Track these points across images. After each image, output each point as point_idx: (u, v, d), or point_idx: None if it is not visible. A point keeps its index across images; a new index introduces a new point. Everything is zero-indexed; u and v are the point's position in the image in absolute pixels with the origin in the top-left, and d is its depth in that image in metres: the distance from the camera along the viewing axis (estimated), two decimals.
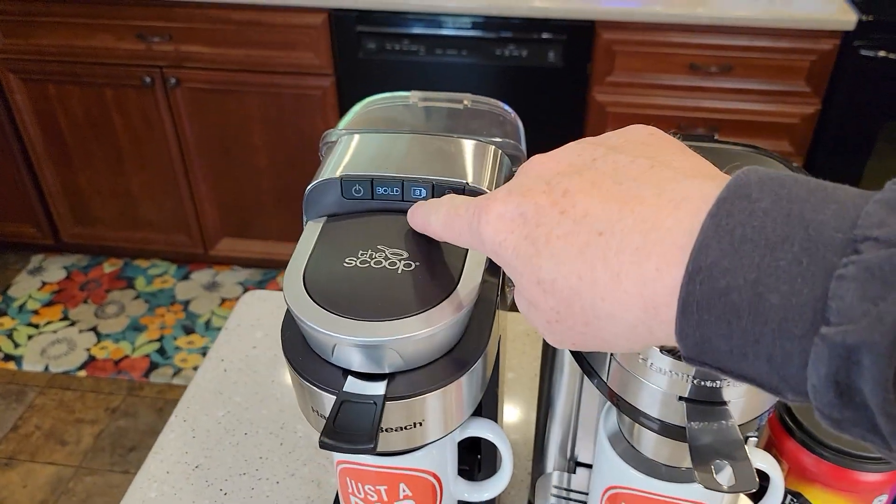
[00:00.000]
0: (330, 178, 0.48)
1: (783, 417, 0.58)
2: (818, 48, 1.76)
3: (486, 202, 0.34)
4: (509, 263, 0.32)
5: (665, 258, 0.26)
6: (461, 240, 0.37)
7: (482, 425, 0.52)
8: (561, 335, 0.32)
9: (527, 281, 0.31)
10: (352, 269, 0.43)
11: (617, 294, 0.28)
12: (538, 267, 0.30)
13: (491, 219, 0.33)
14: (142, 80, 2.02)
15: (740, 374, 0.26)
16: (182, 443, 0.73)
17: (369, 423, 0.38)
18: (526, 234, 0.31)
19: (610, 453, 0.49)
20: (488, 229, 0.33)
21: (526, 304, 0.33)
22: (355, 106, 0.60)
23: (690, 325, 0.26)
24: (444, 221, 0.38)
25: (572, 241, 0.29)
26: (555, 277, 0.30)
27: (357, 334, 0.39)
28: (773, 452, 0.60)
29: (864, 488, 0.56)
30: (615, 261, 0.28)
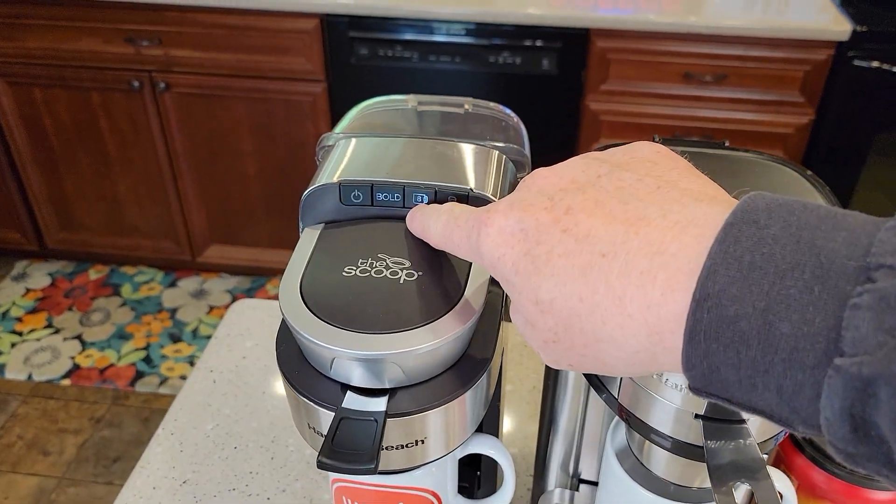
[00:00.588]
0: (328, 184, 0.46)
1: (793, 434, 0.56)
2: (812, 58, 1.76)
3: (486, 215, 0.33)
4: (507, 279, 0.31)
5: (670, 283, 0.25)
6: (459, 251, 0.36)
7: (484, 442, 0.50)
8: (558, 356, 0.31)
9: (525, 299, 0.30)
10: (351, 278, 0.41)
11: (619, 318, 0.27)
12: (537, 286, 0.30)
13: (491, 232, 0.32)
14: (130, 84, 1.99)
15: (749, 406, 0.25)
16: (169, 457, 0.71)
17: (370, 441, 0.36)
18: (526, 251, 0.30)
19: (618, 471, 0.47)
20: (488, 242, 0.32)
21: (523, 322, 0.32)
22: (352, 109, 0.58)
23: (697, 355, 0.25)
24: (442, 231, 0.37)
25: (574, 262, 0.28)
26: (554, 297, 0.29)
27: (357, 347, 0.37)
28: (781, 468, 0.58)
29: None
30: (618, 284, 0.27)
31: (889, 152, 1.88)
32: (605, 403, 0.46)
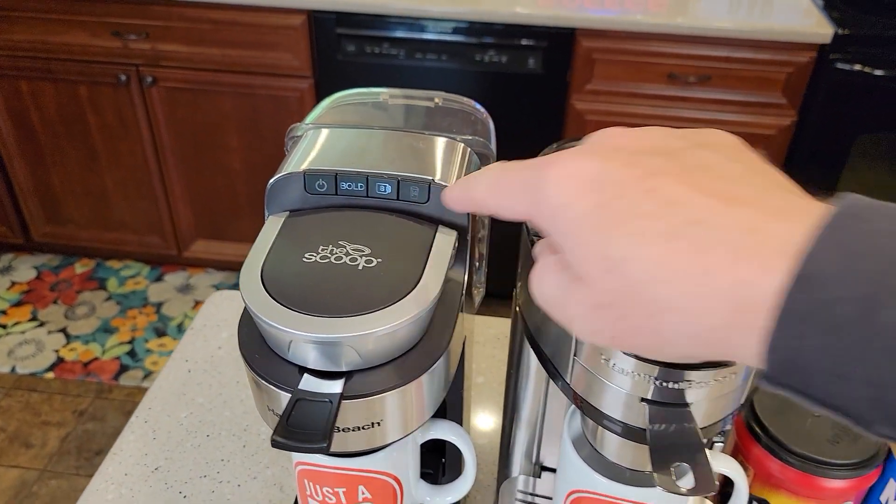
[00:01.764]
0: (293, 173, 0.47)
1: (750, 423, 0.57)
2: (795, 61, 1.78)
3: (553, 159, 0.30)
4: (568, 231, 0.29)
5: (767, 262, 0.24)
6: (508, 201, 0.32)
7: (445, 427, 0.51)
8: (603, 323, 0.29)
9: (587, 253, 0.28)
10: (311, 264, 0.42)
11: (703, 290, 0.25)
12: (609, 242, 0.27)
13: (561, 175, 0.29)
14: (117, 77, 1.99)
15: (826, 400, 0.24)
16: (142, 444, 0.72)
17: (324, 421, 0.37)
18: (600, 203, 0.28)
19: (573, 457, 0.48)
20: (554, 188, 0.29)
21: (567, 281, 0.30)
22: (324, 101, 0.59)
23: (786, 337, 0.23)
24: (491, 182, 0.34)
25: (657, 225, 0.26)
26: (627, 257, 0.27)
27: (313, 330, 0.38)
28: (739, 458, 0.59)
29: (829, 495, 0.56)
30: (708, 255, 0.25)
31: (870, 154, 1.90)
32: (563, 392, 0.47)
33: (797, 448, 0.55)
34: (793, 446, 0.55)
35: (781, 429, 0.56)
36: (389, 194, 0.46)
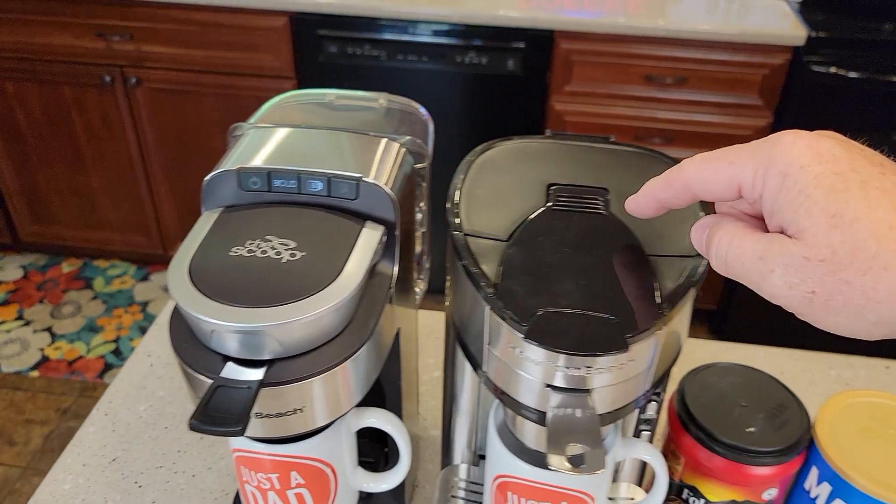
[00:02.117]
0: (227, 170, 0.49)
1: (680, 414, 0.59)
2: (770, 62, 1.80)
3: (790, 132, 0.33)
4: (799, 190, 0.31)
5: None
6: (723, 173, 0.35)
7: (379, 416, 0.53)
8: (805, 276, 0.31)
9: (816, 209, 0.31)
10: (237, 258, 0.43)
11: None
12: (843, 201, 0.30)
13: (799, 143, 0.32)
14: (101, 79, 2.01)
15: None
16: (101, 436, 0.74)
17: (241, 407, 0.39)
18: (837, 171, 0.31)
19: (497, 444, 0.50)
20: (791, 151, 0.32)
21: (767, 239, 0.33)
22: (269, 101, 0.61)
23: None
24: (703, 158, 0.36)
25: (890, 197, 0.30)
26: (859, 216, 0.30)
27: (232, 320, 0.40)
28: (671, 447, 0.61)
29: (755, 482, 0.58)
30: None
31: None
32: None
33: (723, 437, 0.56)
34: (719, 435, 0.57)
35: (709, 419, 0.58)
36: (321, 191, 0.48)
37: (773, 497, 0.59)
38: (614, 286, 0.41)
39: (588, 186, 0.48)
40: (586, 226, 0.45)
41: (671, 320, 0.41)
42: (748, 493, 0.58)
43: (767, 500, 0.59)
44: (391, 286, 0.49)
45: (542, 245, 0.44)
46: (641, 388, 0.44)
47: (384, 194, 0.48)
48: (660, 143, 1.94)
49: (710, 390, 0.60)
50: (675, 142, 1.94)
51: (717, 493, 0.59)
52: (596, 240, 0.44)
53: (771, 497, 0.59)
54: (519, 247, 0.44)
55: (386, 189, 0.47)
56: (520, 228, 0.45)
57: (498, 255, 0.44)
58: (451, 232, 0.46)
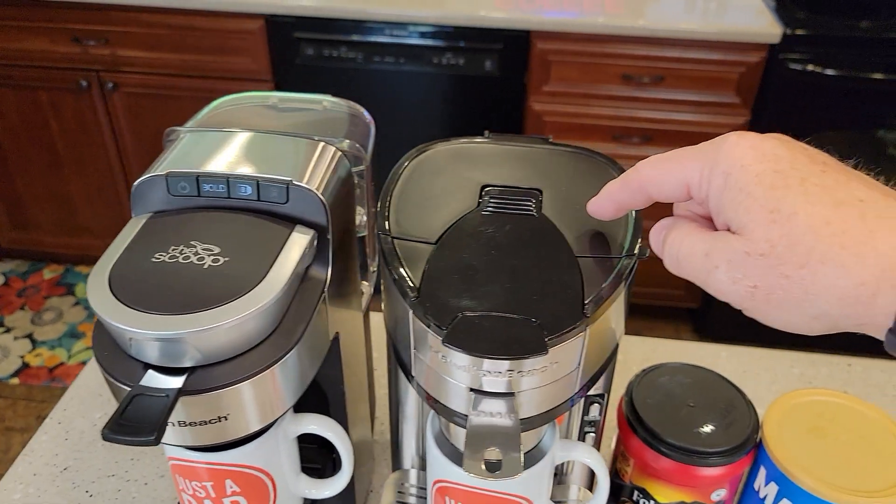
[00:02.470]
0: (156, 175, 0.48)
1: (628, 416, 0.59)
2: (746, 60, 1.80)
3: (735, 132, 0.34)
4: (741, 188, 0.32)
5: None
6: (678, 172, 0.36)
7: (317, 422, 0.53)
8: (747, 271, 0.32)
9: (756, 205, 0.32)
10: (159, 264, 0.43)
11: (862, 248, 0.29)
12: (781, 197, 0.31)
13: (743, 143, 0.33)
14: (78, 83, 2.00)
15: None
16: (53, 445, 0.73)
17: (156, 415, 0.38)
18: (777, 169, 0.32)
19: (434, 449, 0.49)
20: (735, 151, 0.33)
21: (713, 236, 0.34)
22: (210, 104, 0.61)
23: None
24: (656, 159, 0.38)
25: (830, 194, 0.30)
26: (797, 211, 0.30)
27: (149, 328, 0.39)
28: (621, 449, 0.61)
29: (703, 483, 0.57)
30: (873, 221, 0.29)
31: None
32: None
33: (670, 439, 0.56)
34: (666, 437, 0.56)
35: (657, 420, 0.57)
36: (250, 195, 0.48)
37: (722, 498, 0.59)
38: (540, 288, 0.41)
39: (520, 188, 0.48)
40: (516, 228, 0.45)
41: (595, 321, 0.41)
42: (697, 494, 0.58)
43: (716, 501, 0.59)
44: (324, 290, 0.48)
45: (470, 247, 0.43)
46: (571, 390, 0.43)
47: (315, 198, 0.47)
48: (639, 142, 1.94)
49: (659, 391, 0.60)
50: (653, 141, 1.94)
51: (666, 495, 0.59)
52: (525, 242, 0.44)
53: (720, 498, 0.59)
54: (446, 250, 0.43)
55: (316, 193, 0.47)
56: (448, 231, 0.45)
57: (426, 258, 0.43)
58: (379, 235, 0.45)
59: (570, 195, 0.47)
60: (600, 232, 0.45)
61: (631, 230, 0.45)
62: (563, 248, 0.44)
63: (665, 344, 0.88)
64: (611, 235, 0.45)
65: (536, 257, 0.43)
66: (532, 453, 0.50)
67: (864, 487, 0.53)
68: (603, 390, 0.53)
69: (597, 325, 0.41)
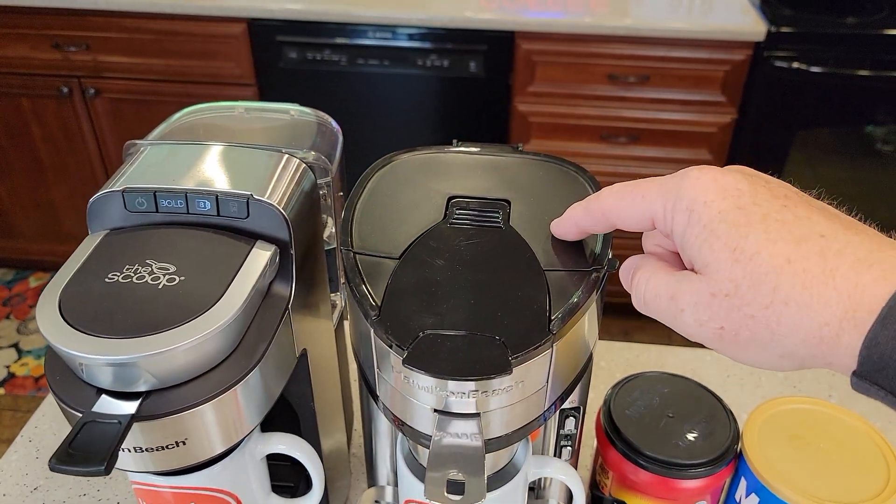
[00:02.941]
0: (112, 191, 0.47)
1: (606, 429, 0.58)
2: (731, 59, 1.79)
3: (697, 167, 0.34)
4: (704, 225, 0.32)
5: (885, 273, 0.27)
6: (640, 205, 0.35)
7: (285, 441, 0.51)
8: (714, 312, 0.32)
9: (719, 244, 0.31)
10: (112, 284, 0.41)
11: (823, 288, 0.28)
12: (743, 236, 0.30)
13: (704, 178, 0.33)
14: (59, 90, 1.97)
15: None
16: (24, 463, 0.71)
17: (107, 443, 0.37)
18: (739, 206, 0.31)
19: (403, 469, 0.48)
20: (696, 186, 0.32)
21: (679, 277, 0.33)
22: (173, 115, 0.59)
23: (886, 335, 0.27)
24: (619, 191, 0.37)
25: (790, 230, 0.30)
26: (759, 251, 0.30)
27: (99, 353, 0.38)
28: (600, 461, 0.60)
29: (683, 495, 0.56)
30: (834, 259, 0.29)
31: (808, 148, 1.92)
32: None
33: (649, 451, 0.55)
34: (645, 449, 0.55)
35: (636, 432, 0.56)
36: (209, 211, 0.46)
37: None
38: (505, 304, 0.40)
39: (488, 199, 0.47)
40: (483, 241, 0.44)
41: (563, 337, 0.39)
42: None
43: None
44: (287, 306, 0.47)
45: (434, 262, 0.42)
46: (541, 407, 0.42)
47: (276, 213, 0.46)
48: (626, 141, 1.93)
49: (638, 402, 0.59)
50: (640, 140, 1.93)
51: None
52: (491, 255, 0.43)
53: None
54: (409, 265, 0.42)
55: (277, 207, 0.46)
56: (412, 245, 0.43)
57: (389, 274, 0.42)
58: (341, 249, 0.44)
59: (538, 206, 0.46)
60: (569, 245, 0.44)
61: (601, 241, 0.44)
62: (531, 262, 0.42)
63: (648, 350, 0.87)
64: (580, 247, 0.44)
65: (502, 272, 0.42)
66: (504, 470, 0.49)
67: (844, 498, 0.52)
68: (578, 403, 0.52)
69: (564, 340, 0.40)
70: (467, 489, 0.35)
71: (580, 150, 1.95)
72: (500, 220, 0.45)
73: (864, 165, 1.96)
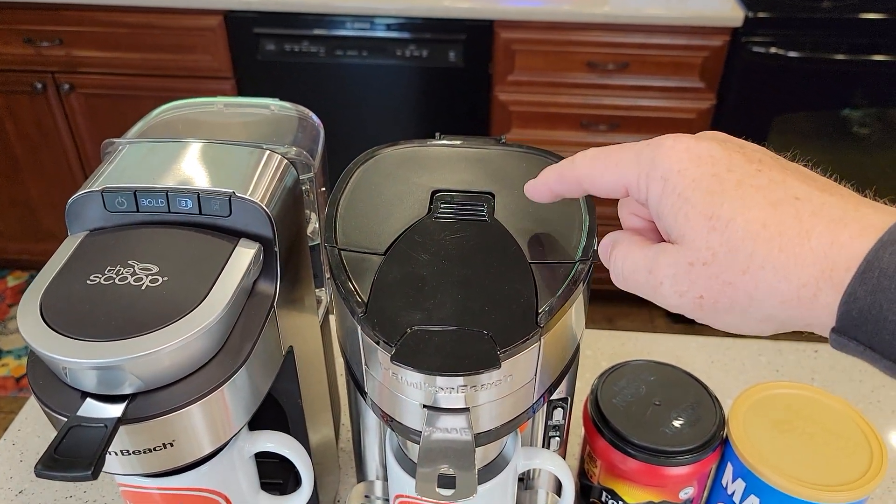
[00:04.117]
0: (91, 191, 0.46)
1: (594, 418, 0.58)
2: (709, 45, 1.80)
3: (671, 135, 0.33)
4: (679, 194, 0.32)
5: (861, 230, 0.27)
6: (615, 171, 0.35)
7: (274, 439, 0.51)
8: (693, 281, 0.32)
9: (694, 213, 0.31)
10: (94, 286, 0.41)
11: (800, 249, 0.28)
12: (718, 203, 0.30)
13: (677, 147, 0.32)
14: (33, 86, 1.94)
15: (892, 354, 0.27)
16: (8, 467, 0.70)
17: (94, 447, 0.37)
18: (714, 173, 0.31)
19: (393, 464, 0.48)
20: (671, 155, 0.32)
21: (656, 250, 0.33)
22: (152, 112, 0.59)
23: (865, 289, 0.27)
24: (594, 157, 0.37)
25: (765, 195, 0.30)
26: (734, 217, 0.30)
27: (82, 356, 0.37)
28: (588, 450, 0.60)
29: (671, 482, 0.57)
30: (809, 221, 0.29)
31: (787, 133, 1.93)
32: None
33: (636, 439, 0.55)
34: (632, 437, 0.55)
35: (623, 421, 0.57)
36: (191, 209, 0.46)
37: (690, 496, 0.58)
38: (492, 299, 0.40)
39: (472, 192, 0.46)
40: (468, 234, 0.44)
41: (550, 329, 0.39)
42: (665, 494, 0.57)
43: (685, 499, 0.58)
44: (273, 304, 0.46)
45: (420, 257, 0.42)
46: (530, 400, 0.42)
47: (259, 210, 0.45)
48: (606, 129, 1.94)
49: (624, 390, 0.59)
50: (621, 128, 1.93)
51: (634, 496, 0.58)
52: (477, 249, 0.43)
53: (688, 496, 0.58)
54: (395, 260, 0.42)
55: (260, 204, 0.45)
56: (398, 240, 0.43)
57: (375, 270, 0.42)
58: (325, 246, 0.44)
59: (522, 198, 0.46)
60: (554, 236, 0.44)
61: (585, 232, 0.44)
62: (516, 255, 0.42)
63: (634, 337, 0.87)
64: (565, 238, 0.44)
65: (488, 266, 0.41)
66: (494, 463, 0.49)
67: (829, 481, 0.52)
68: (566, 394, 0.52)
69: (552, 332, 0.40)
70: (458, 484, 0.35)
71: (561, 139, 1.95)
72: (485, 213, 0.45)
73: (840, 148, 1.98)
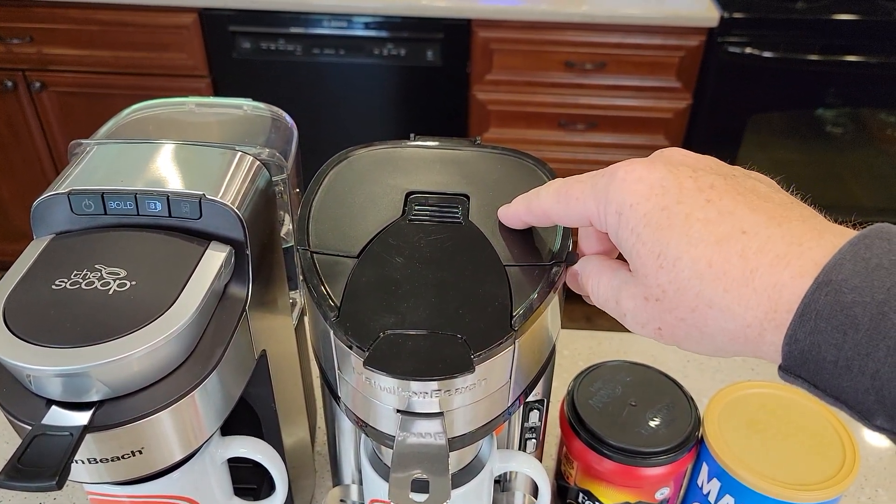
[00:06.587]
0: (57, 194, 0.45)
1: (570, 418, 0.58)
2: (685, 45, 1.81)
3: (624, 164, 0.33)
4: (632, 229, 0.32)
5: (802, 269, 0.27)
6: (577, 206, 0.36)
7: (246, 444, 0.50)
8: (651, 316, 0.32)
9: (647, 251, 0.31)
10: (59, 291, 0.40)
11: (744, 290, 0.29)
12: (666, 241, 0.31)
13: (629, 179, 0.32)
14: (3, 84, 1.91)
15: (833, 392, 0.27)
16: None
17: (58, 457, 0.36)
18: (663, 206, 0.31)
19: (367, 469, 0.48)
20: (623, 188, 0.32)
21: (622, 279, 0.34)
22: (120, 112, 0.58)
23: (804, 331, 0.27)
24: (557, 191, 0.37)
25: (712, 230, 0.30)
26: (681, 256, 0.30)
27: (47, 363, 0.36)
28: (564, 451, 0.60)
29: (647, 482, 0.57)
30: (753, 259, 0.29)
31: (762, 132, 1.95)
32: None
33: (611, 440, 0.55)
34: (607, 438, 0.55)
35: (599, 422, 0.57)
36: (160, 212, 0.45)
37: (666, 496, 0.58)
38: (466, 302, 0.39)
39: (446, 194, 0.46)
40: (442, 237, 0.43)
41: (525, 333, 0.39)
42: (641, 494, 0.57)
43: (661, 500, 0.58)
44: (244, 308, 0.46)
45: (393, 260, 0.41)
46: (505, 403, 0.42)
47: (230, 212, 0.44)
48: (584, 128, 1.94)
49: (601, 391, 0.59)
50: (598, 127, 1.94)
51: (610, 496, 0.58)
52: (451, 252, 0.42)
53: (664, 496, 0.58)
54: (368, 263, 0.41)
55: (231, 207, 0.44)
56: (371, 243, 0.43)
57: (347, 273, 0.41)
58: (298, 249, 0.43)
59: (497, 200, 0.46)
60: (529, 238, 0.43)
61: (560, 234, 0.44)
62: (491, 258, 0.42)
63: (610, 337, 0.87)
64: (541, 241, 0.43)
65: (463, 268, 0.41)
66: (470, 466, 0.49)
67: (803, 480, 0.53)
68: (542, 395, 0.52)
69: (527, 335, 0.40)
70: (432, 489, 0.35)
71: (539, 138, 1.96)
72: (460, 216, 0.45)
73: (814, 148, 2.00)
